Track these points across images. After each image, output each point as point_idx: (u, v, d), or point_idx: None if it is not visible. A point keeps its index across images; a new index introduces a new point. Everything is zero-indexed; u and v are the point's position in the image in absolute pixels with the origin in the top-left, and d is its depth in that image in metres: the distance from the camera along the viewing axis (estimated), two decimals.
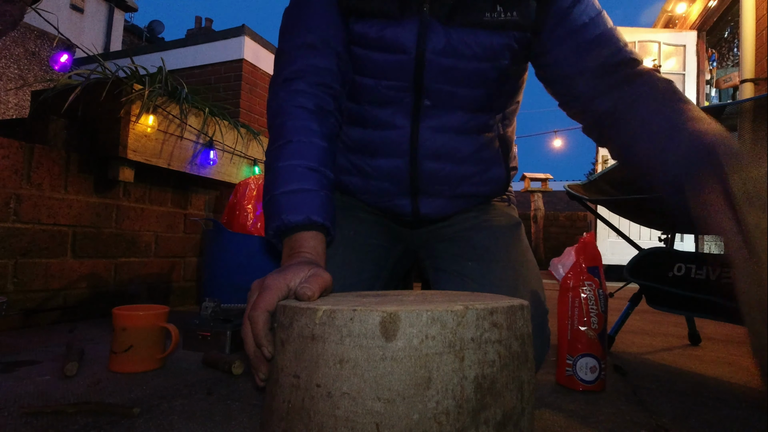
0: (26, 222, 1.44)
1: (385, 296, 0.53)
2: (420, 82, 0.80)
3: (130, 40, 10.06)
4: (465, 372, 0.40)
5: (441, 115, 0.83)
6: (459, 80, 0.79)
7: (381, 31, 0.77)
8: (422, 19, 0.76)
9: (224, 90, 4.06)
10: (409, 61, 0.78)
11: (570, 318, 0.98)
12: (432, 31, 0.76)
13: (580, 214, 7.47)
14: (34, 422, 0.70)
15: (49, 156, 1.51)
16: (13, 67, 6.71)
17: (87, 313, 1.62)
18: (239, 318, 1.25)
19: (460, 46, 0.76)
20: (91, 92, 1.63)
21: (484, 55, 0.77)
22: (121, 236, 1.74)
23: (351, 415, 0.39)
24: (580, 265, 1.00)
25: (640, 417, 0.83)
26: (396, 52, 0.78)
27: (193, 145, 1.87)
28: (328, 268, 0.90)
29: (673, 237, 1.57)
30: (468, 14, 0.75)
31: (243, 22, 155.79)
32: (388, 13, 0.77)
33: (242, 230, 1.73)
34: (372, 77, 0.82)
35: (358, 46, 0.81)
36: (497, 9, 0.75)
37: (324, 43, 0.78)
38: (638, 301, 1.47)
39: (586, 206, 1.55)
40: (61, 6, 7.46)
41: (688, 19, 4.68)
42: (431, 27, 0.76)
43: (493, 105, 0.85)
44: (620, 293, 2.61)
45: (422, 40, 0.77)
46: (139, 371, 0.98)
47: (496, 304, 0.44)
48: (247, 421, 0.74)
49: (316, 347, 0.42)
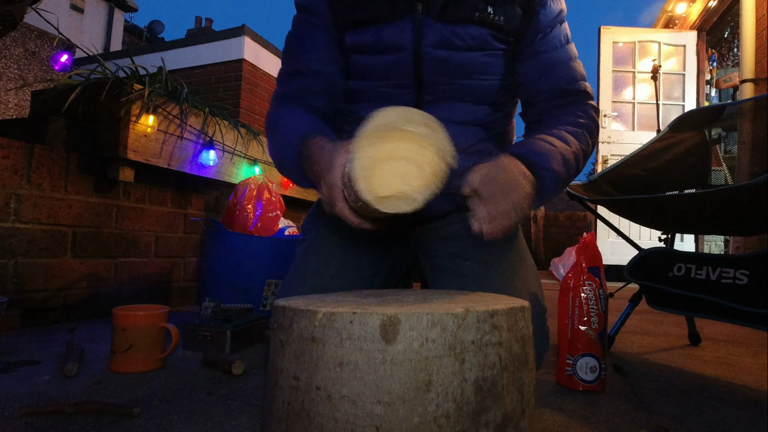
0: (26, 222, 1.44)
1: (385, 296, 0.53)
2: (419, 77, 0.83)
3: (130, 40, 10.05)
4: (465, 375, 0.40)
5: (441, 107, 0.86)
6: (456, 71, 0.83)
7: (378, 34, 0.82)
8: (416, 16, 0.81)
9: (224, 90, 4.06)
10: (407, 56, 0.82)
11: (570, 318, 0.99)
12: (426, 26, 0.81)
13: (580, 214, 7.47)
14: (34, 422, 0.70)
15: (49, 156, 1.50)
16: (13, 67, 6.70)
17: (87, 313, 1.62)
18: (239, 318, 1.25)
19: (453, 38, 0.81)
20: (91, 92, 1.63)
21: (476, 44, 0.82)
22: (121, 236, 1.74)
23: (351, 418, 0.39)
24: (581, 265, 1.00)
25: (640, 417, 0.83)
26: (395, 51, 0.82)
27: (193, 145, 1.87)
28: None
29: (673, 237, 1.57)
30: (459, 11, 0.80)
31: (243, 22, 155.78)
32: (382, 17, 0.81)
33: (242, 230, 1.73)
34: (374, 80, 0.86)
35: (358, 53, 0.85)
36: (488, 10, 0.81)
37: (308, 69, 0.87)
38: (638, 301, 1.46)
39: (586, 206, 1.55)
40: (61, 6, 7.45)
41: (688, 19, 4.67)
42: (425, 23, 0.81)
43: (491, 98, 0.88)
44: (620, 293, 2.61)
45: (418, 36, 0.81)
46: (139, 371, 0.98)
47: (497, 306, 0.44)
48: (247, 421, 0.74)
49: (315, 349, 0.42)
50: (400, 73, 0.83)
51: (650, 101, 4.33)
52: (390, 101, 0.86)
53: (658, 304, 1.32)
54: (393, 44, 0.81)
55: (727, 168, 1.82)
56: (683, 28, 4.74)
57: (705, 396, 0.98)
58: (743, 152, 1.56)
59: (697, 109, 1.57)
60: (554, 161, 0.74)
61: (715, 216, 1.31)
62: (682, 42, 4.48)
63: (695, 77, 4.42)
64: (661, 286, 1.29)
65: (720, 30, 4.83)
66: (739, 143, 1.59)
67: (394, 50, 0.82)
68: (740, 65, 3.48)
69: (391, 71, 0.84)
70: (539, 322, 0.82)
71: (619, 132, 4.45)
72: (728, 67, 5.09)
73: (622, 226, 1.83)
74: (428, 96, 0.84)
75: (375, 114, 0.52)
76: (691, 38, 4.46)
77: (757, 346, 1.56)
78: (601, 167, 4.39)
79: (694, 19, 4.53)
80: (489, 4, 0.80)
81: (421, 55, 0.81)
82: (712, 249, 4.91)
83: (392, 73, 0.84)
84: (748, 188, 1.04)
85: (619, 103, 4.52)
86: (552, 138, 0.78)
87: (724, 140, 3.91)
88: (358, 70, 0.86)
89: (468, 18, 0.80)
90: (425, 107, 0.85)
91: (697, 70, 4.43)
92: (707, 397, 0.98)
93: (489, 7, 0.80)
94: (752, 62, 3.35)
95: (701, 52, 4.46)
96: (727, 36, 5.10)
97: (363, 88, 0.87)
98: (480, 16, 0.80)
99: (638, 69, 4.49)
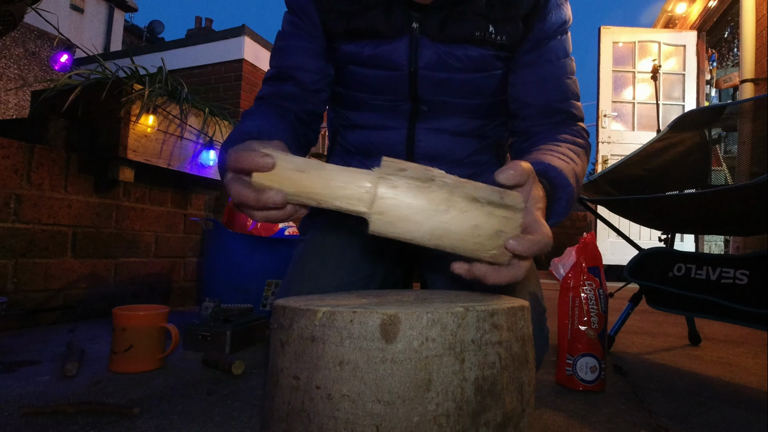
0: (26, 222, 1.44)
1: (385, 296, 0.53)
2: (415, 94, 0.82)
3: (130, 40, 10.05)
4: (465, 374, 0.40)
5: (438, 118, 0.85)
6: (453, 91, 0.81)
7: (374, 49, 0.80)
8: (412, 36, 0.78)
9: (224, 90, 4.06)
10: (402, 77, 0.80)
11: (570, 318, 0.99)
12: (422, 47, 0.78)
13: (580, 214, 7.46)
14: (34, 422, 0.70)
15: (49, 156, 1.51)
16: (13, 67, 6.70)
17: (87, 313, 1.62)
18: (239, 318, 1.25)
19: (451, 60, 0.78)
20: (91, 92, 1.63)
21: (475, 66, 0.79)
22: (121, 236, 1.74)
23: (351, 417, 0.39)
24: (581, 265, 1.00)
25: (640, 417, 0.83)
26: (389, 69, 0.80)
27: (193, 145, 1.87)
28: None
29: (673, 237, 1.57)
30: (458, 30, 0.77)
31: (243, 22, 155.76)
32: (377, 32, 0.79)
33: (242, 230, 1.73)
34: (369, 92, 0.84)
35: (353, 64, 0.83)
36: (489, 29, 0.77)
37: (286, 74, 0.84)
38: (638, 301, 1.47)
39: (586, 206, 1.55)
40: (61, 6, 7.45)
41: (688, 19, 4.68)
42: (421, 43, 0.78)
43: (489, 111, 0.87)
44: (620, 293, 2.61)
45: (413, 57, 0.79)
46: (139, 371, 0.98)
47: (497, 306, 0.44)
48: (247, 421, 0.74)
49: (315, 349, 0.42)
50: (395, 89, 0.82)
51: (650, 101, 4.34)
52: (385, 112, 0.86)
53: (658, 304, 1.32)
54: (388, 62, 0.80)
55: (727, 168, 1.82)
56: (683, 28, 4.75)
57: (705, 396, 0.98)
58: (743, 152, 1.56)
59: (697, 109, 1.57)
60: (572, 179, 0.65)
61: (715, 216, 1.31)
62: (682, 42, 4.48)
63: (695, 77, 4.43)
64: (661, 286, 1.29)
65: (720, 30, 4.83)
66: (739, 143, 1.60)
67: (388, 68, 0.80)
68: (740, 65, 3.48)
69: (386, 86, 0.82)
70: (539, 322, 0.82)
71: (619, 132, 4.45)
72: (728, 67, 5.08)
73: (622, 226, 1.83)
74: (424, 107, 0.83)
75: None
76: (691, 38, 4.46)
77: (757, 346, 1.56)
78: (601, 167, 4.39)
79: (694, 19, 4.54)
80: (490, 23, 0.76)
81: (416, 76, 0.80)
82: (712, 249, 4.91)
83: (387, 89, 0.83)
84: (748, 188, 1.04)
85: (619, 103, 4.52)
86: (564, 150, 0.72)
87: (724, 140, 3.90)
88: (353, 81, 0.85)
89: (468, 38, 0.77)
90: (421, 118, 0.85)
91: (697, 70, 4.43)
92: (707, 397, 0.98)
93: (490, 25, 0.76)
94: (752, 62, 3.35)
95: (701, 52, 4.46)
96: (727, 36, 5.10)
97: (358, 98, 0.86)
98: (481, 35, 0.77)
99: (638, 69, 4.49)
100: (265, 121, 0.76)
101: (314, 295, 0.59)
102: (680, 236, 3.85)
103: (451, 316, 0.40)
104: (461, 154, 0.87)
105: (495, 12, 0.77)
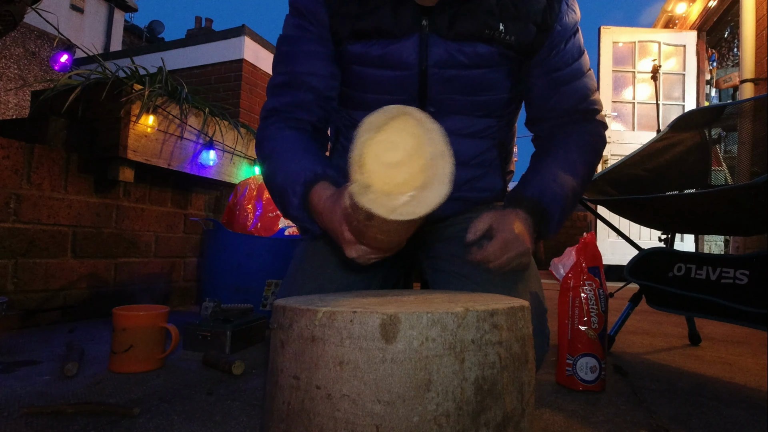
0: (26, 222, 1.44)
1: (385, 296, 0.53)
2: (424, 93, 0.82)
3: (130, 40, 10.05)
4: (465, 374, 0.40)
5: (444, 119, 0.84)
6: (462, 89, 0.81)
7: (383, 49, 0.79)
8: (422, 34, 0.78)
9: (224, 90, 4.06)
10: (412, 76, 0.80)
11: (570, 318, 0.98)
12: (432, 45, 0.78)
13: (580, 214, 7.46)
14: (34, 422, 0.70)
15: (49, 156, 1.50)
16: (13, 67, 6.70)
17: (87, 313, 1.62)
18: (239, 318, 1.25)
19: (460, 56, 0.78)
20: (91, 92, 1.63)
21: (484, 62, 0.79)
22: (121, 236, 1.74)
23: (351, 417, 0.39)
24: (581, 265, 1.00)
25: (640, 417, 0.83)
26: (398, 69, 0.80)
27: (193, 145, 1.87)
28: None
29: (673, 237, 1.57)
30: (467, 27, 0.77)
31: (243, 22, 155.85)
32: (386, 31, 0.78)
33: (242, 230, 1.73)
34: (376, 93, 0.84)
35: (360, 64, 0.82)
36: (499, 27, 0.77)
37: (299, 81, 0.83)
38: (638, 301, 1.46)
39: (586, 206, 1.55)
40: (61, 6, 7.45)
41: (688, 19, 4.67)
42: (431, 41, 0.78)
43: (494, 110, 0.87)
44: (620, 293, 2.61)
45: (423, 55, 0.78)
46: (139, 371, 0.98)
47: (497, 306, 0.44)
48: (247, 421, 0.74)
49: (315, 349, 0.42)
50: (403, 89, 0.81)
51: (650, 101, 4.34)
52: None
53: (658, 304, 1.32)
54: (397, 62, 0.79)
55: (727, 168, 1.82)
56: (683, 28, 4.74)
57: (705, 396, 0.98)
58: (743, 152, 1.56)
59: (697, 109, 1.56)
60: (565, 204, 0.79)
61: (715, 216, 1.31)
62: (682, 42, 4.48)
63: (695, 77, 4.42)
64: (661, 286, 1.29)
65: (720, 30, 4.83)
66: (739, 143, 1.59)
67: (398, 68, 0.80)
68: (740, 65, 3.47)
69: (394, 86, 0.82)
70: (540, 323, 0.82)
71: (619, 132, 4.45)
72: (728, 67, 5.08)
73: (622, 226, 1.83)
74: (432, 108, 0.83)
75: (366, 124, 0.49)
76: (691, 38, 4.46)
77: (757, 346, 1.56)
78: (601, 167, 4.39)
79: (694, 19, 4.53)
80: (500, 21, 0.77)
81: (426, 73, 0.79)
82: (712, 249, 4.91)
83: (395, 89, 0.82)
84: (748, 188, 1.04)
85: (619, 103, 4.52)
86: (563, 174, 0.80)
87: (724, 140, 3.91)
88: (359, 81, 0.84)
89: (477, 35, 0.77)
90: None
91: (697, 70, 4.43)
92: (707, 397, 0.98)
93: (500, 24, 0.77)
94: (752, 62, 3.35)
95: (701, 52, 4.46)
96: (727, 36, 5.10)
97: (364, 99, 0.85)
98: (490, 33, 0.77)
99: (638, 69, 4.49)
100: (305, 158, 0.77)
101: (314, 295, 0.59)
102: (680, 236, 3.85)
103: (451, 316, 0.40)
104: (467, 155, 0.87)
105: (506, 11, 0.77)
